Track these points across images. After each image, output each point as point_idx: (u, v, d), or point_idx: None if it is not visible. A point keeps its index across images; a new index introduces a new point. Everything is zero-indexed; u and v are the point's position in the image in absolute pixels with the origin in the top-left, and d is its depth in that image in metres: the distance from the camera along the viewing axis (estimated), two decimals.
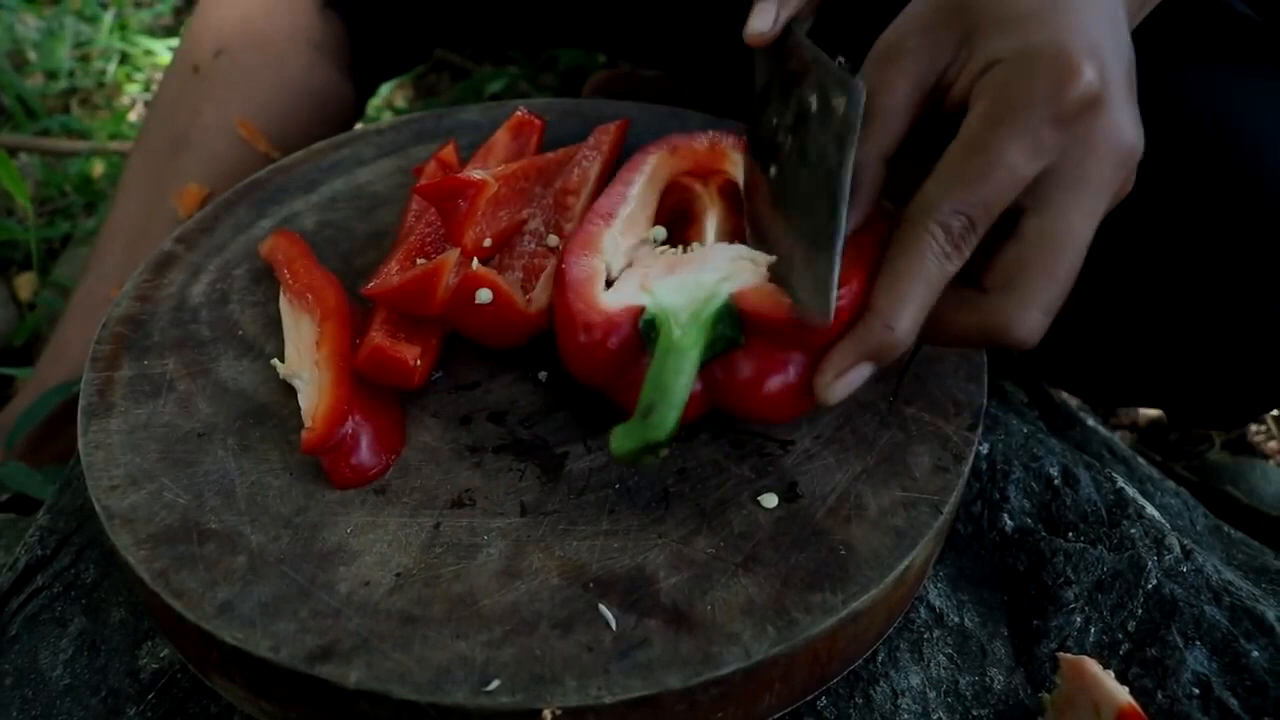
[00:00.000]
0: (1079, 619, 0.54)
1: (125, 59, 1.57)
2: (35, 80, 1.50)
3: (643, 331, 0.48)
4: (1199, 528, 0.69)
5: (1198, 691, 0.51)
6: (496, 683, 0.43)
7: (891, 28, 0.50)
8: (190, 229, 0.65)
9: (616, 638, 0.44)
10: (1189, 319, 0.67)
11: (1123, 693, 0.47)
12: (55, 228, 1.22)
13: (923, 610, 0.54)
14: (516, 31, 1.04)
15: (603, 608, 0.45)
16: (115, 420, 0.54)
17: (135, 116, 1.46)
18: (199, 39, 0.93)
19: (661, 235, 0.54)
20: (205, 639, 0.45)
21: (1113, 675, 0.48)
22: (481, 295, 0.53)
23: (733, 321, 0.47)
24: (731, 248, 0.51)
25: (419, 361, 0.53)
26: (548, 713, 0.42)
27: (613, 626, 0.45)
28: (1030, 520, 0.59)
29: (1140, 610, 0.54)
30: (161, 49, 1.56)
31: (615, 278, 0.51)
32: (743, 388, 0.48)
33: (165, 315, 0.60)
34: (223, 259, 0.64)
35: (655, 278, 0.50)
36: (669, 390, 0.45)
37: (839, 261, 0.45)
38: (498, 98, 1.39)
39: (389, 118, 0.75)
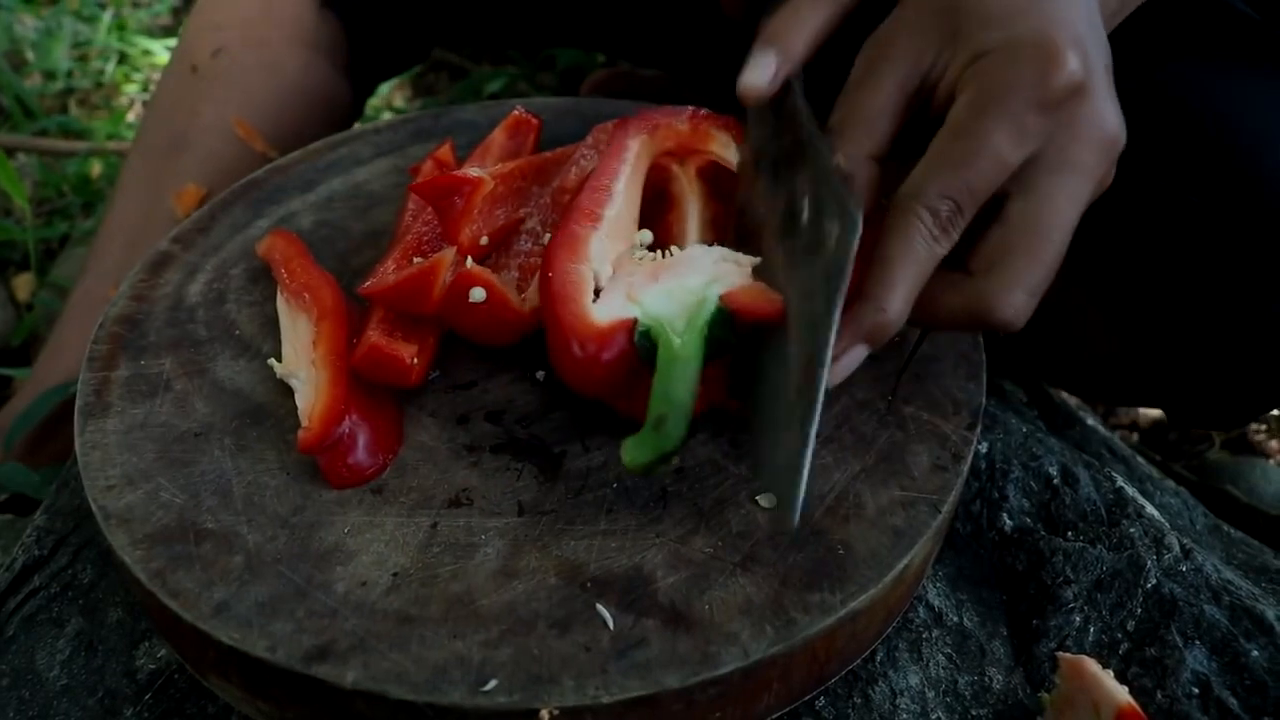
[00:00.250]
0: (1078, 618, 0.54)
1: (123, 59, 1.57)
2: (33, 80, 1.50)
3: (639, 344, 0.47)
4: (1198, 527, 0.69)
5: (1197, 691, 0.51)
6: (494, 682, 0.43)
7: (879, 30, 0.51)
8: (187, 229, 0.65)
9: (614, 637, 0.44)
10: (1189, 319, 0.67)
11: (1122, 692, 0.47)
12: (53, 228, 1.22)
13: (921, 610, 0.54)
14: (515, 31, 1.04)
15: (600, 607, 0.45)
16: (112, 420, 0.54)
17: (133, 116, 1.46)
18: (197, 39, 0.93)
19: (648, 239, 0.54)
20: (202, 639, 0.45)
21: (1112, 675, 0.48)
22: (475, 294, 0.52)
23: (726, 323, 0.47)
24: (713, 249, 0.51)
25: (416, 360, 0.53)
26: (545, 712, 0.42)
27: (610, 626, 0.45)
28: (1029, 519, 0.59)
29: (1140, 610, 0.54)
30: (159, 49, 1.56)
31: (600, 285, 0.50)
32: None
33: (162, 315, 0.60)
34: (220, 258, 0.63)
35: (641, 286, 0.49)
36: (677, 401, 0.45)
37: (811, 451, 0.41)
38: (496, 97, 1.39)
39: (388, 117, 0.75)
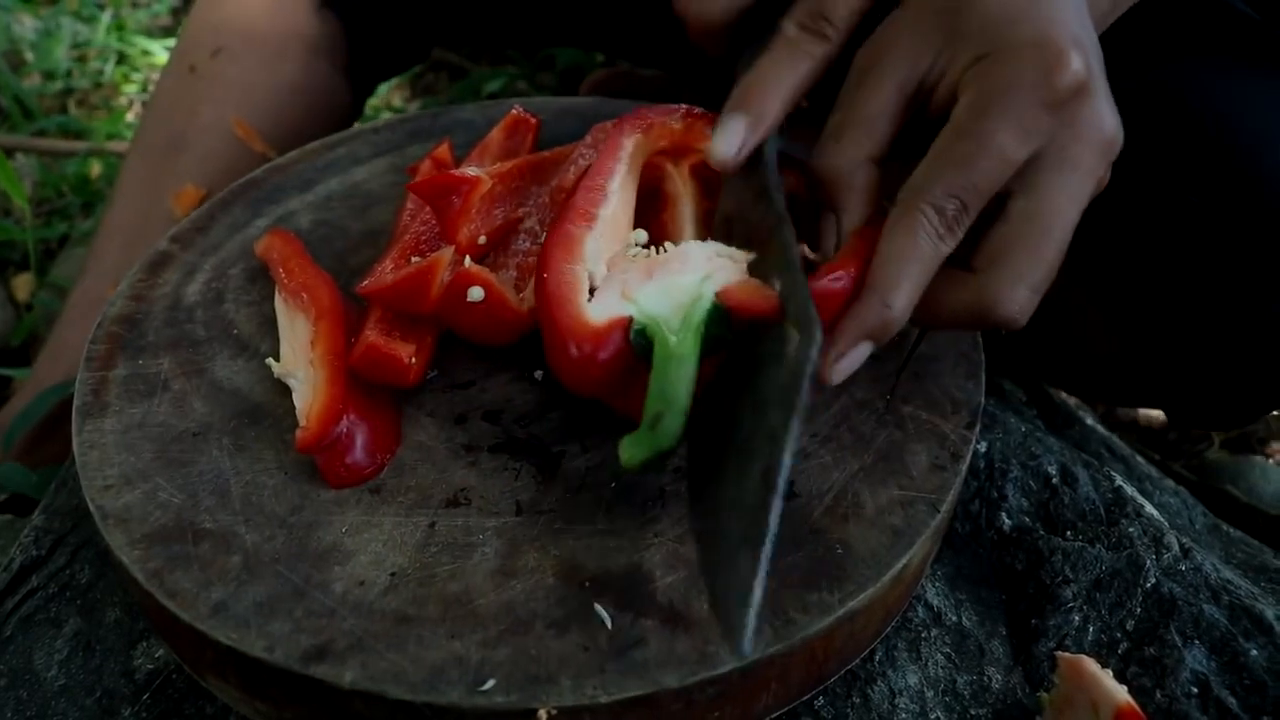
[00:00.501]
0: (1077, 618, 0.54)
1: (122, 59, 1.57)
2: (32, 80, 1.50)
3: (634, 343, 0.47)
4: (1198, 526, 0.68)
5: (1196, 690, 0.51)
6: (492, 682, 0.43)
7: (876, 34, 0.51)
8: (185, 228, 0.65)
9: (612, 637, 0.44)
10: (1189, 319, 0.67)
11: (1121, 692, 0.46)
12: (52, 228, 1.22)
13: (920, 609, 0.54)
14: (514, 31, 1.04)
15: (598, 607, 0.45)
16: (110, 420, 0.54)
17: (132, 116, 1.46)
18: (196, 39, 0.93)
19: (642, 239, 0.54)
20: (200, 639, 0.45)
21: (1111, 674, 0.48)
22: (473, 293, 0.52)
23: (722, 320, 0.47)
24: (706, 245, 0.50)
25: (414, 359, 0.53)
26: (543, 712, 0.42)
27: (608, 625, 0.45)
28: (1028, 519, 0.59)
29: (1139, 609, 0.54)
30: (159, 49, 1.56)
31: (595, 285, 0.50)
32: None
33: (160, 315, 0.60)
34: (218, 258, 0.63)
35: (635, 284, 0.49)
36: (674, 400, 0.44)
37: (764, 576, 0.37)
38: (496, 97, 1.39)
39: (386, 117, 0.75)
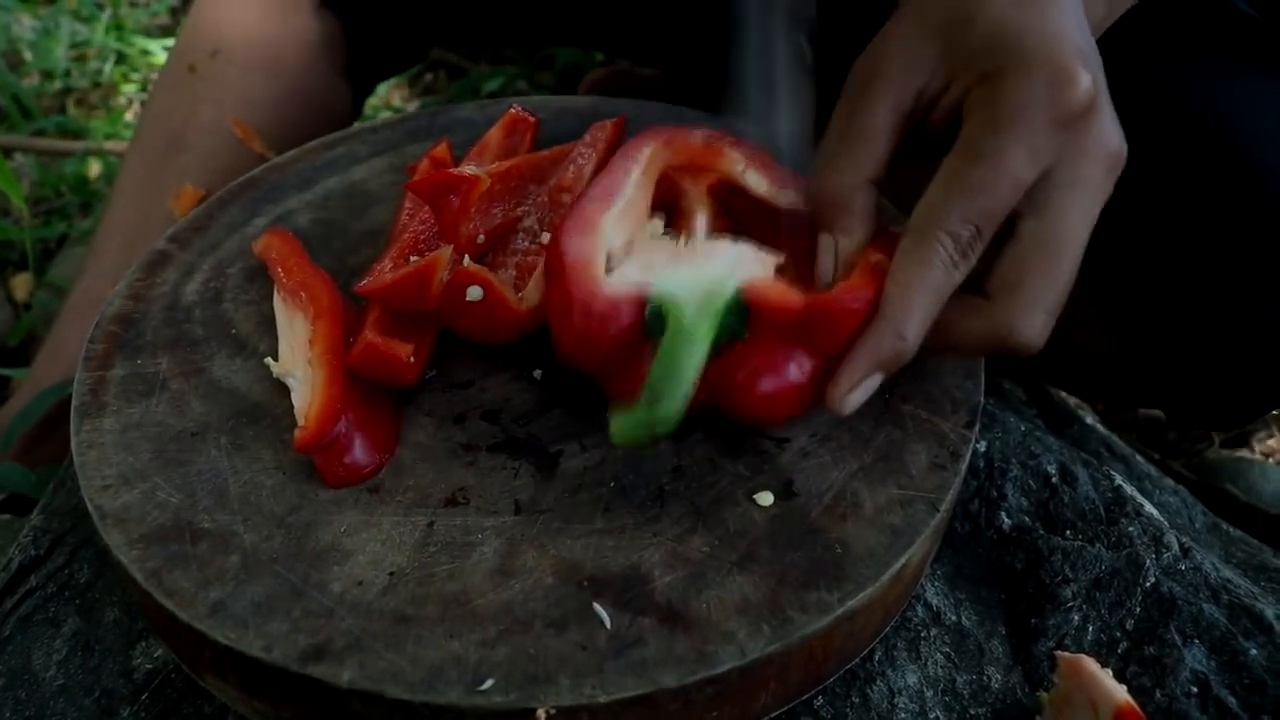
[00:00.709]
0: (1077, 617, 0.54)
1: (121, 59, 1.56)
2: (31, 80, 1.50)
3: (649, 318, 0.46)
4: (1197, 526, 0.68)
5: (1196, 690, 0.51)
6: (490, 682, 0.42)
7: (869, 49, 0.50)
8: (184, 228, 0.65)
9: (611, 636, 0.44)
10: (1188, 319, 0.67)
11: (1121, 691, 0.46)
12: (51, 228, 1.22)
13: (920, 609, 0.54)
14: (513, 30, 1.04)
15: (597, 606, 0.45)
16: (108, 420, 0.53)
17: (131, 116, 1.46)
18: (195, 39, 0.93)
19: (659, 230, 0.54)
20: (198, 639, 0.45)
21: (1111, 674, 0.48)
22: (472, 292, 0.52)
23: (740, 313, 0.47)
24: (737, 244, 0.50)
25: (413, 359, 0.53)
26: (542, 712, 0.42)
27: (607, 625, 0.45)
28: (1028, 518, 0.59)
29: (1138, 608, 0.54)
30: (158, 49, 1.55)
31: (613, 265, 0.49)
32: (741, 385, 0.47)
33: (158, 314, 0.59)
34: (216, 258, 0.63)
35: (659, 265, 0.48)
36: (679, 377, 0.44)
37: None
38: (495, 96, 1.39)
39: (385, 116, 0.75)
